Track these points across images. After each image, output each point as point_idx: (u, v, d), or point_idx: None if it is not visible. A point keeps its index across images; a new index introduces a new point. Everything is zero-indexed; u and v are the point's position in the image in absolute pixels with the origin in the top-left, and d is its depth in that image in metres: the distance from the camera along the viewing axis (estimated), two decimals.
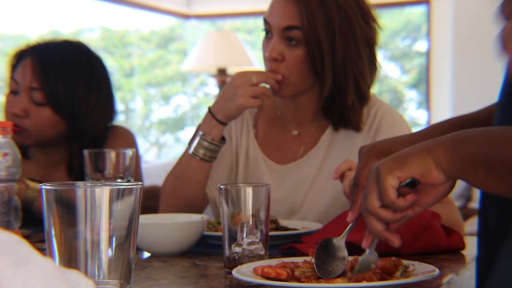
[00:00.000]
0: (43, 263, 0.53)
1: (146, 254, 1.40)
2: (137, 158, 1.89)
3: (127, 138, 1.98)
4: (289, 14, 1.63)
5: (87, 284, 0.57)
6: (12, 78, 1.85)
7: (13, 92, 1.85)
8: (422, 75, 6.97)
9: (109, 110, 1.93)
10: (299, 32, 1.62)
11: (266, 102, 1.82)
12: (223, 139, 1.72)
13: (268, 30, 1.68)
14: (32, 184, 1.70)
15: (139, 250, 1.41)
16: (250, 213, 1.16)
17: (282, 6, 1.65)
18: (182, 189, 1.74)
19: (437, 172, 0.97)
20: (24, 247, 0.54)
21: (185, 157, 1.73)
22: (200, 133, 1.70)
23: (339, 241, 1.08)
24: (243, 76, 1.66)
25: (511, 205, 1.01)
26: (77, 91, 1.84)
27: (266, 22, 1.68)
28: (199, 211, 1.75)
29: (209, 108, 1.71)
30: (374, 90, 1.79)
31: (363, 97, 1.71)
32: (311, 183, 1.74)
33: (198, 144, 1.70)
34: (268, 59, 1.67)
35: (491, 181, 0.94)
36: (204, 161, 1.71)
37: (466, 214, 3.96)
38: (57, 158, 1.94)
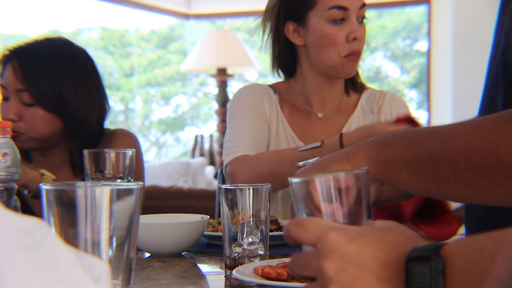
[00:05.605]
0: (57, 247, 0.53)
1: (146, 254, 1.40)
2: (139, 160, 1.89)
3: (130, 141, 1.98)
4: None
5: (102, 267, 0.57)
6: (1, 85, 1.87)
7: (5, 99, 1.87)
8: (422, 75, 6.97)
9: (101, 101, 1.92)
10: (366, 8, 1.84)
11: (287, 93, 1.95)
12: None
13: (342, 15, 1.80)
14: (47, 174, 1.70)
15: (139, 250, 1.41)
16: (250, 213, 1.16)
17: None
18: (274, 186, 1.73)
19: None
20: (40, 232, 0.53)
21: (291, 156, 1.67)
22: (318, 143, 1.67)
23: None
24: None
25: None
26: (63, 85, 1.84)
27: (341, 8, 1.79)
28: None
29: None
30: None
31: None
32: None
33: (309, 148, 1.67)
34: (352, 41, 1.80)
35: (415, 180, 0.94)
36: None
37: None
38: (59, 159, 1.94)
